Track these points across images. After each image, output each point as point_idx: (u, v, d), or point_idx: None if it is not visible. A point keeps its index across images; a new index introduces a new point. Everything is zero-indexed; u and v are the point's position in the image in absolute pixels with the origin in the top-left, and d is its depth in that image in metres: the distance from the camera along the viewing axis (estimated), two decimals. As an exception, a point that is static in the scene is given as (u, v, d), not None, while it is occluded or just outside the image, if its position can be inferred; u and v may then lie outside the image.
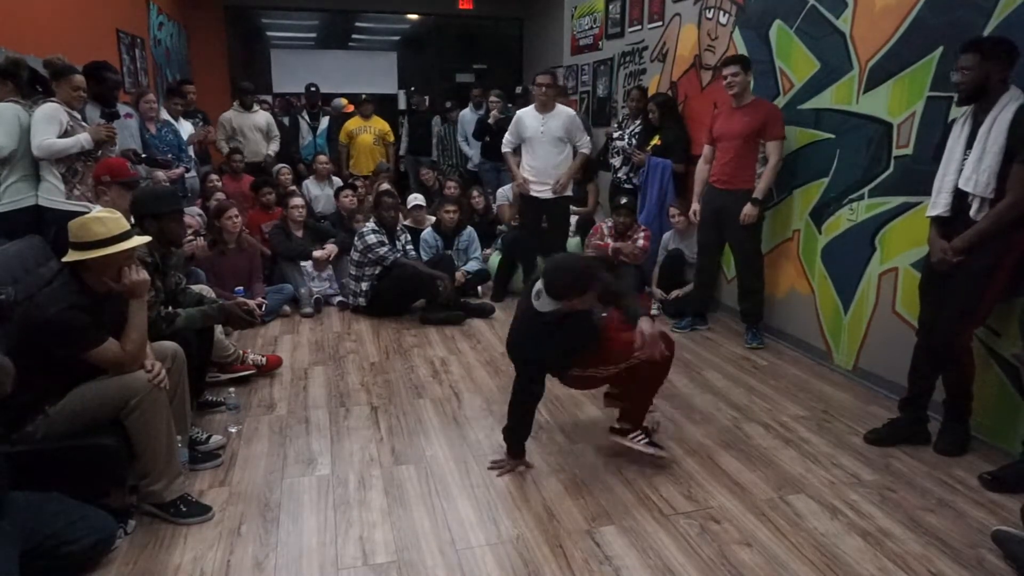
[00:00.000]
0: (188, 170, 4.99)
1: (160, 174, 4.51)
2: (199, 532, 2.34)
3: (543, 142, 4.73)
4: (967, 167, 2.63)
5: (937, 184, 2.80)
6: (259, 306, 3.04)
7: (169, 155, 4.73)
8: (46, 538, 1.94)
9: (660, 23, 5.62)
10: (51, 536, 1.95)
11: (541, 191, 4.82)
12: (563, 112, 4.80)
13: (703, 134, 4.96)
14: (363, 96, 7.37)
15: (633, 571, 2.15)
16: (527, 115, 4.82)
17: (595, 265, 2.62)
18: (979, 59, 2.57)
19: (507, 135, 4.90)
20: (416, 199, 5.58)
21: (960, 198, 2.70)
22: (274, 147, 6.52)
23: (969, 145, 2.66)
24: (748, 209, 4.01)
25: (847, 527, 2.39)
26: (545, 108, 4.74)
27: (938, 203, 2.78)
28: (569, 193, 4.96)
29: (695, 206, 4.45)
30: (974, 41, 2.66)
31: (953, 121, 2.84)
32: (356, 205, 5.68)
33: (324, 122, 7.10)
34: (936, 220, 2.82)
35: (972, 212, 2.65)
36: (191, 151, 5.35)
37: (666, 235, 5.02)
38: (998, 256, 2.63)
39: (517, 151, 5.01)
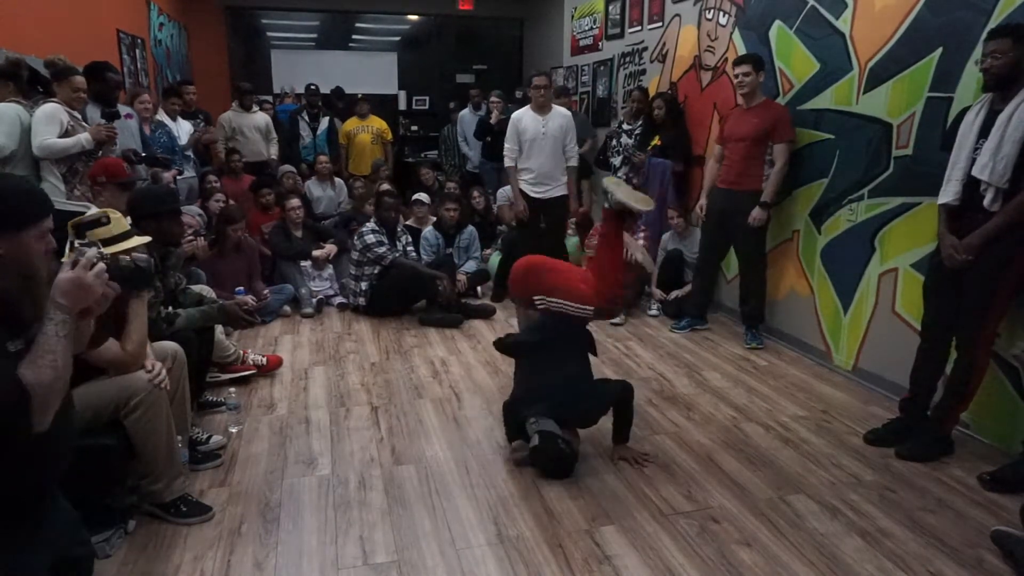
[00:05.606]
0: (181, 172, 4.98)
1: (167, 175, 4.50)
2: (199, 532, 2.34)
3: (545, 144, 4.72)
4: (983, 155, 2.56)
5: (948, 172, 2.74)
6: (264, 296, 3.03)
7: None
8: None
9: (660, 24, 5.62)
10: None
11: (541, 192, 4.80)
12: (560, 112, 4.80)
13: (703, 134, 4.99)
14: (360, 96, 7.39)
15: (633, 571, 2.16)
16: (525, 117, 4.75)
17: None
18: (1011, 43, 2.51)
19: (508, 144, 4.79)
20: (420, 196, 5.58)
21: (971, 188, 2.64)
22: (274, 150, 6.52)
23: (983, 134, 2.59)
24: (757, 213, 4.00)
25: (847, 527, 2.39)
26: (543, 109, 4.73)
27: (947, 191, 2.72)
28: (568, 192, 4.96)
29: (702, 201, 4.44)
30: (1006, 26, 2.64)
31: (965, 111, 2.79)
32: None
33: (324, 122, 7.10)
34: (945, 210, 2.75)
35: (986, 202, 2.58)
36: (190, 152, 5.35)
37: (665, 236, 5.02)
38: (1011, 250, 2.57)
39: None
